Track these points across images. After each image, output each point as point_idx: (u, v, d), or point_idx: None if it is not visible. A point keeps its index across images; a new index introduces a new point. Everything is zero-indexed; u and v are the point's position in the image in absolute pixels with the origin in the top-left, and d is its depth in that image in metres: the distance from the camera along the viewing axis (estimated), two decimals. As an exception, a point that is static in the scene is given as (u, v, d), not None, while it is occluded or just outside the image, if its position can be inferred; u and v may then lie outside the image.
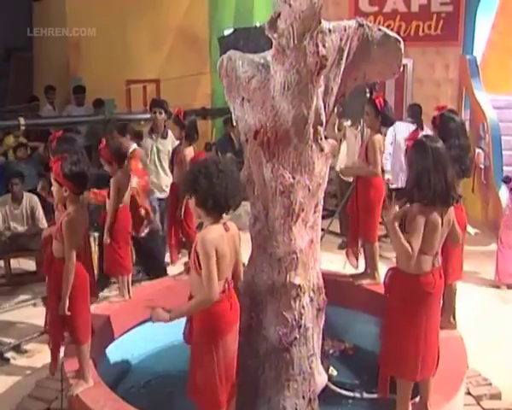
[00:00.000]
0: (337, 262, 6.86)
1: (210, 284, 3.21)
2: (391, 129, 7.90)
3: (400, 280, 3.55)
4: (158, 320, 3.38)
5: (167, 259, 7.73)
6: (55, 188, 4.06)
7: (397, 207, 3.60)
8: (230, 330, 3.37)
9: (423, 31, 10.69)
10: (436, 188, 3.42)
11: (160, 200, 7.67)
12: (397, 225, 3.54)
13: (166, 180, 7.50)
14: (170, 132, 7.41)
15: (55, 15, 12.44)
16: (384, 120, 5.49)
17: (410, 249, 3.42)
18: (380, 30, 3.96)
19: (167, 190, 7.45)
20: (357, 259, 5.68)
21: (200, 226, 6.77)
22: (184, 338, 3.50)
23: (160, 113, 7.53)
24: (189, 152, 6.06)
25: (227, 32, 9.89)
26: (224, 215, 3.39)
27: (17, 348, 5.77)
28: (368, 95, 7.13)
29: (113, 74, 11.24)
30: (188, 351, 3.47)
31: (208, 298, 3.22)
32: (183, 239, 6.37)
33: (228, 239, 3.33)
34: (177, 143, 7.14)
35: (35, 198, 7.70)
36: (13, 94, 12.95)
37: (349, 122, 8.77)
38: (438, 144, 3.56)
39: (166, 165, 7.51)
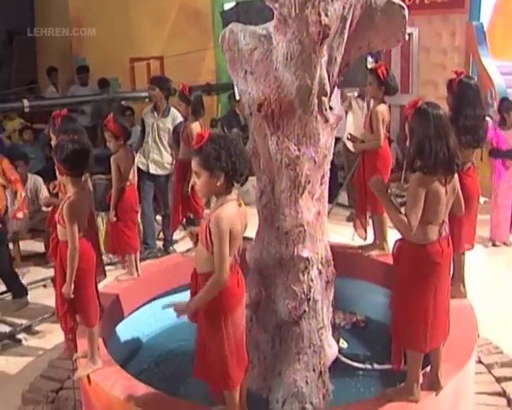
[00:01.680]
0: (346, 234, 6.84)
1: (222, 266, 3.14)
2: None
3: (407, 251, 3.50)
4: (181, 313, 3.29)
5: (175, 237, 7.78)
6: (58, 174, 4.04)
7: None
8: (239, 305, 3.32)
9: (429, -2, 10.53)
10: (438, 156, 3.34)
11: (161, 177, 7.66)
12: (388, 196, 3.51)
13: (168, 158, 7.50)
14: (172, 110, 7.38)
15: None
16: (387, 90, 5.42)
17: (405, 221, 3.36)
18: (383, -3, 3.88)
19: (169, 167, 7.46)
20: (365, 230, 5.66)
21: (208, 203, 6.83)
22: (189, 318, 3.48)
23: (153, 89, 7.46)
24: (196, 127, 6.02)
25: (228, 5, 9.78)
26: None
27: (29, 329, 5.83)
28: (370, 64, 7.06)
29: (117, 53, 11.20)
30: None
31: (220, 280, 3.16)
32: (191, 216, 6.36)
33: (241, 216, 3.26)
34: (179, 121, 7.13)
35: (39, 179, 7.73)
36: (16, 77, 12.93)
37: (355, 93, 8.71)
38: (439, 111, 3.48)
39: (166, 142, 7.50)
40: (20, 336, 5.73)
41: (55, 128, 4.96)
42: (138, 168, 6.37)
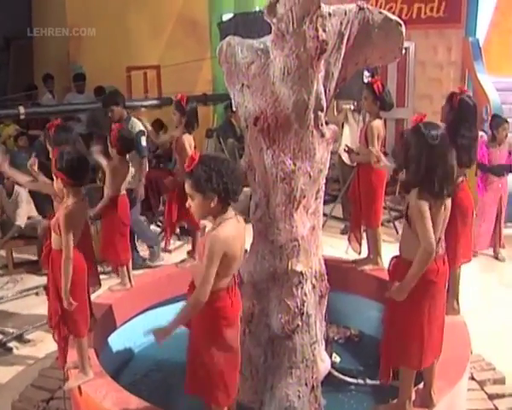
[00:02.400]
0: (339, 247, 6.84)
1: (204, 288, 3.11)
2: None
3: (403, 269, 3.49)
4: (162, 338, 3.25)
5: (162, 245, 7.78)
6: (55, 182, 4.02)
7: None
8: (230, 327, 3.28)
9: (425, 13, 10.56)
10: (439, 180, 3.36)
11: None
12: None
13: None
14: (132, 120, 7.34)
15: (55, 4, 12.39)
16: (383, 105, 5.43)
17: (423, 257, 3.35)
18: (381, 13, 3.88)
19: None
20: (359, 244, 5.66)
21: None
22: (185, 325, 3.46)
23: (113, 110, 7.40)
24: (189, 140, 6.03)
25: (226, 17, 9.83)
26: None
27: (20, 338, 5.79)
28: (366, 78, 7.08)
29: (114, 61, 11.18)
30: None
31: (199, 300, 3.13)
32: (186, 226, 6.36)
33: (240, 234, 3.24)
34: (137, 129, 7.10)
35: (22, 195, 7.67)
36: (13, 83, 12.91)
37: (351, 106, 8.73)
38: (439, 132, 3.46)
39: None
40: (11, 344, 5.69)
41: (49, 138, 4.95)
42: None
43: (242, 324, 3.97)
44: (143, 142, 7.17)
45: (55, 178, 4.01)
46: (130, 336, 5.02)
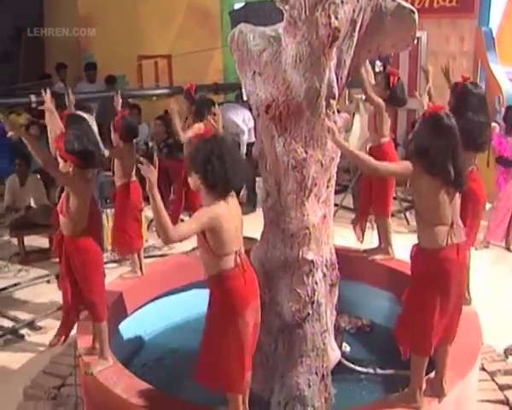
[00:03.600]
0: (350, 238, 6.81)
1: (176, 232, 3.10)
2: None
3: (418, 255, 3.50)
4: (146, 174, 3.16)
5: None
6: (61, 164, 4.02)
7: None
8: (247, 306, 3.25)
9: (438, 2, 10.46)
10: (446, 170, 3.34)
11: None
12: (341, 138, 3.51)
13: None
14: None
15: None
16: (391, 97, 5.38)
17: (369, 160, 3.44)
18: (394, 1, 3.85)
19: None
20: (362, 232, 5.65)
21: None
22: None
23: None
24: (198, 129, 6.02)
25: (238, 5, 9.79)
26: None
27: (31, 325, 5.82)
28: (378, 68, 7.03)
29: (125, 50, 11.19)
30: (201, 326, 3.40)
31: (167, 234, 3.07)
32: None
33: (230, 214, 3.23)
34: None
35: (37, 181, 7.70)
36: (24, 72, 12.93)
37: (363, 96, 8.67)
38: (453, 123, 3.45)
39: None
40: (23, 331, 5.72)
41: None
42: None
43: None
44: None
45: (61, 163, 4.02)
46: (141, 323, 5.04)
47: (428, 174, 3.34)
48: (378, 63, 7.45)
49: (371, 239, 5.77)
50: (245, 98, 8.47)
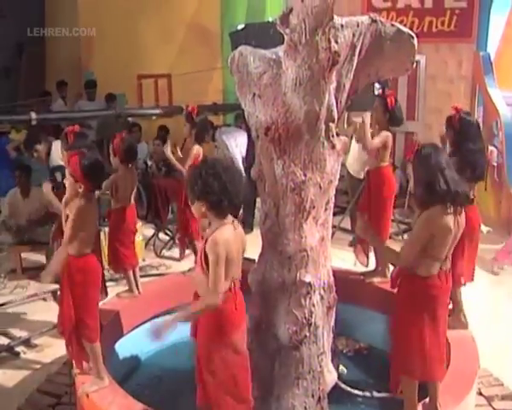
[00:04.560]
0: (348, 260, 6.83)
1: (216, 289, 3.14)
2: None
3: (407, 280, 3.57)
4: (163, 332, 3.21)
5: (176, 255, 7.78)
6: (68, 183, 4.03)
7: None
8: (236, 330, 3.30)
9: (436, 27, 10.58)
10: (445, 191, 3.41)
11: None
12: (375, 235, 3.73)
13: None
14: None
15: (67, 10, 12.48)
16: (392, 119, 5.44)
17: (403, 250, 3.53)
18: (393, 26, 3.89)
19: None
20: (367, 256, 5.65)
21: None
22: (191, 334, 3.46)
23: None
24: (198, 151, 6.07)
25: (238, 27, 9.85)
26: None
27: (27, 343, 5.79)
28: (377, 90, 7.07)
29: (125, 69, 11.25)
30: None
31: (214, 303, 3.16)
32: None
33: (236, 239, 3.26)
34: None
35: (41, 193, 7.69)
36: (25, 89, 12.99)
37: (360, 119, 8.71)
38: (437, 149, 3.58)
39: None
40: (19, 348, 5.69)
41: (68, 144, 4.98)
42: None
43: (250, 333, 3.98)
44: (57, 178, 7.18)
45: (69, 180, 4.02)
46: (137, 343, 5.01)
47: (433, 205, 3.42)
48: (377, 86, 7.48)
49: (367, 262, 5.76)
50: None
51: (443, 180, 3.42)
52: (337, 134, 3.87)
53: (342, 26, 3.63)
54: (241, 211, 3.49)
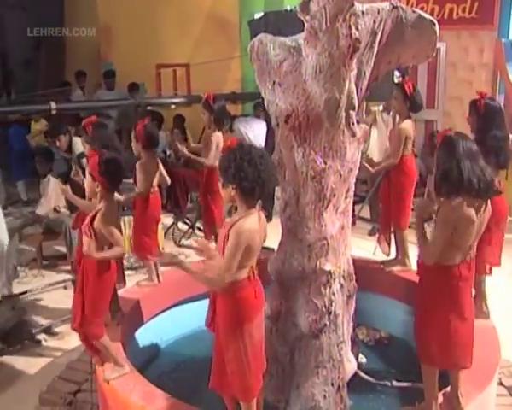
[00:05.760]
0: (367, 248, 6.81)
1: (226, 273, 3.13)
2: None
3: (429, 268, 3.53)
4: (166, 263, 3.26)
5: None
6: (87, 181, 4.05)
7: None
8: (256, 316, 3.29)
9: (457, 14, 10.44)
10: (467, 178, 3.36)
11: None
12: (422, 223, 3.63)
13: None
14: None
15: (87, 2, 12.52)
16: (412, 106, 5.39)
17: (429, 249, 3.50)
18: (414, 12, 3.85)
19: None
20: (389, 245, 5.62)
21: (229, 211, 6.84)
22: (206, 324, 3.49)
23: None
24: (217, 137, 6.07)
25: (257, 15, 9.83)
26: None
27: (48, 330, 5.85)
28: (397, 79, 7.02)
29: (144, 59, 11.26)
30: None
31: (220, 281, 3.14)
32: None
33: (260, 228, 3.25)
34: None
35: (50, 184, 7.69)
36: (44, 80, 13.06)
37: (381, 107, 8.67)
38: (467, 140, 3.51)
39: None
40: (40, 336, 5.75)
41: (88, 136, 5.00)
42: None
43: (269, 322, 3.99)
44: (83, 164, 7.17)
45: (88, 179, 4.04)
46: (157, 331, 5.05)
47: (454, 196, 3.38)
48: (397, 74, 7.44)
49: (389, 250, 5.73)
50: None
51: (467, 170, 3.37)
52: (357, 122, 3.85)
53: (363, 12, 3.60)
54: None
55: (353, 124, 3.76)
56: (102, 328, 4.01)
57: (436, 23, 3.83)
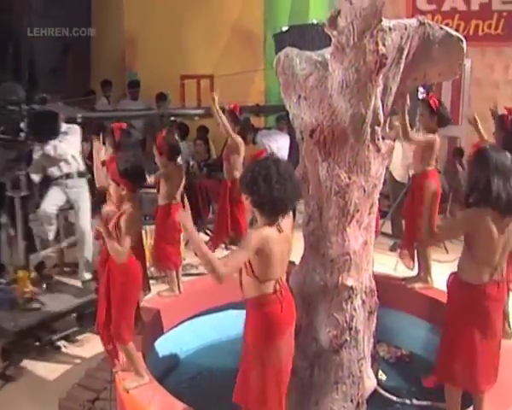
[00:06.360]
0: (388, 264, 6.77)
1: (227, 264, 3.02)
2: None
3: (458, 287, 3.51)
4: (183, 221, 3.15)
5: (216, 254, 7.78)
6: (112, 188, 4.08)
7: None
8: (283, 332, 3.25)
9: (483, 30, 10.40)
10: (498, 194, 3.33)
11: None
12: None
13: None
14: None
15: (113, 12, 12.64)
16: (440, 120, 5.37)
17: (432, 228, 3.60)
18: (441, 29, 3.85)
19: None
20: (413, 261, 5.58)
21: (252, 222, 6.85)
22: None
23: None
24: (241, 146, 6.11)
25: (282, 29, 9.85)
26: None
27: (68, 337, 5.87)
28: (421, 94, 6.99)
29: (168, 69, 11.33)
30: (236, 346, 3.45)
31: (218, 271, 2.98)
32: (233, 235, 6.42)
33: (280, 240, 3.22)
34: None
35: None
36: (70, 88, 13.19)
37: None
38: (502, 154, 3.48)
39: None
40: (60, 343, 5.78)
41: (114, 140, 5.04)
42: None
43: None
44: None
45: (112, 185, 4.05)
46: (177, 341, 5.05)
47: (481, 207, 3.35)
48: (421, 90, 7.41)
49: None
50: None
51: (497, 185, 3.34)
52: (383, 138, 3.84)
53: (390, 28, 3.60)
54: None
55: (378, 139, 3.76)
56: (131, 333, 4.01)
57: (464, 40, 3.83)
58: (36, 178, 6.69)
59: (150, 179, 5.10)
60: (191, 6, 11.71)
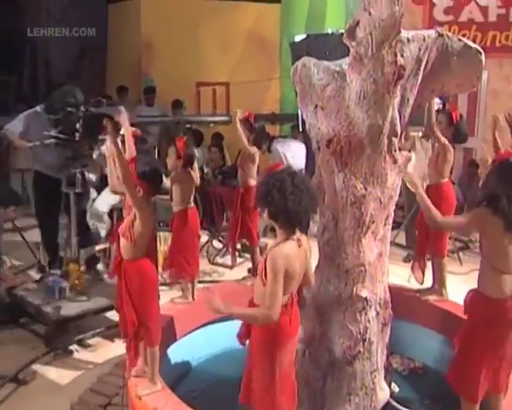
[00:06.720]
0: (402, 275, 6.74)
1: (273, 305, 3.09)
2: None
3: (480, 303, 3.47)
4: (212, 308, 3.19)
5: (229, 262, 7.80)
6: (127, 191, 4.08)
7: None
8: (288, 342, 3.28)
9: (500, 41, 10.35)
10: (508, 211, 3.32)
11: None
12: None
13: None
14: None
15: (130, 18, 12.73)
16: (456, 134, 5.35)
17: (436, 214, 3.60)
18: (460, 40, 3.84)
19: None
20: (423, 273, 5.55)
21: (265, 230, 6.84)
22: (238, 338, 3.48)
23: None
24: (255, 153, 6.11)
25: (299, 37, 9.87)
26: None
27: (81, 342, 5.88)
28: (437, 105, 6.96)
29: (184, 76, 11.39)
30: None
31: (269, 317, 3.11)
32: (247, 243, 6.41)
33: (300, 255, 3.23)
34: None
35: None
36: (86, 93, 13.28)
37: (420, 133, 8.60)
38: None
39: None
40: (72, 347, 5.79)
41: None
42: None
43: (303, 345, 3.96)
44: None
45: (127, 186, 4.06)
46: (189, 349, 5.04)
47: (501, 219, 3.33)
48: (437, 101, 7.37)
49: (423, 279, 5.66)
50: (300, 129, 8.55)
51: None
52: (399, 149, 3.83)
53: (408, 39, 3.60)
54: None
55: (395, 151, 3.75)
56: (158, 336, 4.04)
57: (482, 52, 3.81)
58: (93, 177, 6.87)
59: (166, 182, 5.11)
60: (207, 13, 11.78)
